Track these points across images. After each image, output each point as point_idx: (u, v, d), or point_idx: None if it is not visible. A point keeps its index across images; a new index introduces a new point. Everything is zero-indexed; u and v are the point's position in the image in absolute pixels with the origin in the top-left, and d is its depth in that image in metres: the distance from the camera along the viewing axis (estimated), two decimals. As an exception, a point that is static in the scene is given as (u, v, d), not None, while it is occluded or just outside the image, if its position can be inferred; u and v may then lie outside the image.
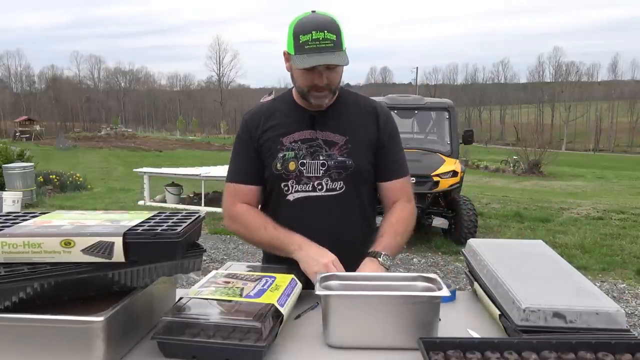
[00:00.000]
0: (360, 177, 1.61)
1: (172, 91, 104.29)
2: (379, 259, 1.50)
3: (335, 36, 1.44)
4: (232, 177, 1.66)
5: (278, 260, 1.59)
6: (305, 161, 1.57)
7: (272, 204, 1.65)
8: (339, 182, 1.58)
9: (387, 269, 1.50)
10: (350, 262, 1.50)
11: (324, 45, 1.43)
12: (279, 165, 1.58)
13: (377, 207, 1.73)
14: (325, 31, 1.43)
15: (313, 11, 1.50)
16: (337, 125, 1.60)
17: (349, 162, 1.57)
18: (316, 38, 1.42)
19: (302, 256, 1.48)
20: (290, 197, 1.59)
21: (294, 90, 1.64)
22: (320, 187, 1.57)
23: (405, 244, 1.65)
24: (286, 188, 1.59)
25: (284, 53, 1.54)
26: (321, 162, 1.57)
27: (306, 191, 1.58)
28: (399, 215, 1.64)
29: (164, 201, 10.65)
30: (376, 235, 1.60)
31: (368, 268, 1.48)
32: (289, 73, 1.58)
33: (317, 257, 1.45)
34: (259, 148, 1.62)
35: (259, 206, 1.69)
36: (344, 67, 1.53)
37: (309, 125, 1.59)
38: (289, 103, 1.65)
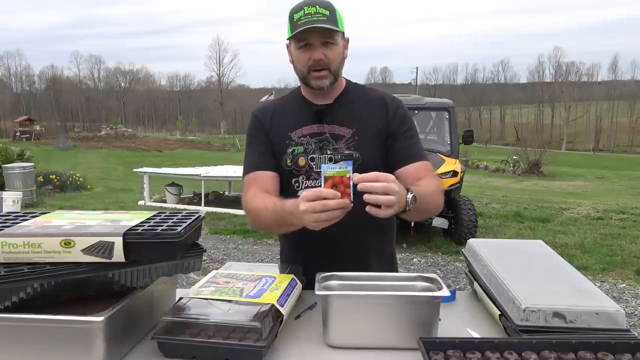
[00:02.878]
0: (369, 170, 1.57)
1: (172, 91, 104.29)
2: (408, 192, 1.27)
3: (328, 12, 1.44)
4: (246, 169, 1.60)
5: (295, 260, 1.59)
6: (315, 156, 1.56)
7: None
8: None
9: (406, 207, 1.27)
10: (360, 257, 1.49)
11: (316, 18, 1.43)
12: (288, 161, 1.57)
13: None
14: (318, 6, 1.44)
15: None
16: (344, 118, 1.57)
17: (356, 155, 1.54)
18: (308, 12, 1.43)
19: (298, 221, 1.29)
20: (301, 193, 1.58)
21: (301, 87, 1.63)
22: None
23: (431, 212, 1.51)
24: (297, 184, 1.58)
25: (287, 46, 1.55)
26: (329, 156, 1.55)
27: (316, 186, 1.54)
28: (428, 182, 1.47)
29: (164, 201, 10.66)
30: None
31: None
32: (290, 72, 1.61)
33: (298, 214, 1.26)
34: (270, 140, 1.60)
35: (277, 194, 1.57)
36: (345, 57, 1.53)
37: (316, 119, 1.57)
38: (297, 99, 1.64)
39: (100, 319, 1.02)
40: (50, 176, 13.10)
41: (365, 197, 1.19)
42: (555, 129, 68.31)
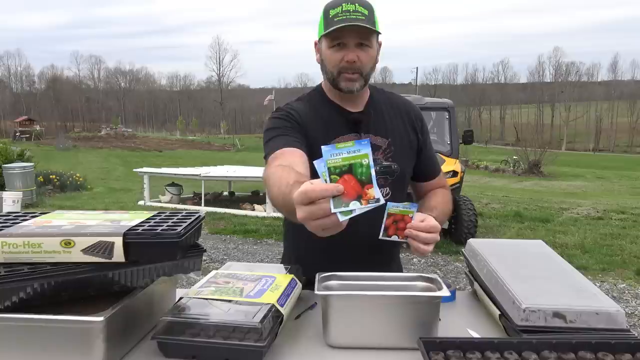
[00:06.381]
0: (404, 181, 1.55)
1: (172, 91, 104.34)
2: None
3: (367, 11, 1.36)
4: (272, 149, 1.37)
5: (296, 261, 1.55)
6: None
7: None
8: (385, 189, 1.49)
9: None
10: (385, 268, 1.46)
11: (354, 16, 1.34)
12: None
13: None
14: (357, 4, 1.36)
15: None
16: (379, 127, 1.51)
17: (394, 166, 1.50)
18: (346, 10, 1.35)
19: None
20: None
21: (326, 89, 1.54)
22: None
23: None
24: None
25: (315, 44, 1.48)
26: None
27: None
28: (446, 199, 1.62)
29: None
30: (425, 204, 1.55)
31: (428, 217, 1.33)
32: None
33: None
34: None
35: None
36: (377, 57, 1.45)
37: (352, 129, 1.48)
38: (326, 104, 1.52)
39: (100, 319, 1.02)
40: (50, 176, 13.10)
41: (411, 241, 1.30)
42: (555, 129, 68.33)
